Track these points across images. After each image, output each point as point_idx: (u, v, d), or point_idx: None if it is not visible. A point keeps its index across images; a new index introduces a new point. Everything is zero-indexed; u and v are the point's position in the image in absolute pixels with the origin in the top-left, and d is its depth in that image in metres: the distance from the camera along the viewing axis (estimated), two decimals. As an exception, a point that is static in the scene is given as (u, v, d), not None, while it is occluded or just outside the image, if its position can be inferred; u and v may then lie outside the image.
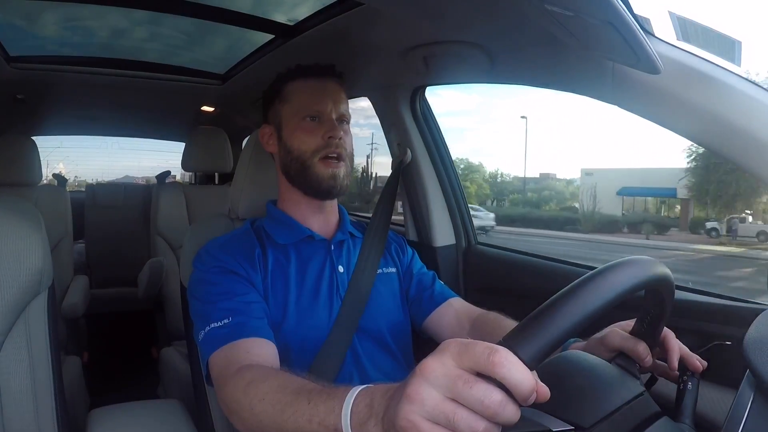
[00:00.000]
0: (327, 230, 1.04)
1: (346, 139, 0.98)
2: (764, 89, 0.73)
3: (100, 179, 4.17)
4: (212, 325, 0.83)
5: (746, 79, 0.73)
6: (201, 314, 0.87)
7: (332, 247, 1.01)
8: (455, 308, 1.04)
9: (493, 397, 0.40)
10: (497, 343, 0.42)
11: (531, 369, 0.40)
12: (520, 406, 0.41)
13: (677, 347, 0.66)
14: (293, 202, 1.02)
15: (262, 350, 0.81)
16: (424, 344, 1.05)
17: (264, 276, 0.93)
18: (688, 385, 0.63)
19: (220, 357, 0.81)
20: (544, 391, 0.41)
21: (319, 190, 0.98)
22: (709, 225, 10.25)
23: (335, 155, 0.96)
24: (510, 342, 0.42)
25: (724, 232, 9.68)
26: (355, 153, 1.03)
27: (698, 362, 0.65)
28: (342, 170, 0.97)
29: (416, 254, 1.15)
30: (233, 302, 0.86)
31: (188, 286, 0.96)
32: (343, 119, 1.00)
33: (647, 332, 0.64)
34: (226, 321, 0.83)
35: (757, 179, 0.73)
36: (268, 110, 1.05)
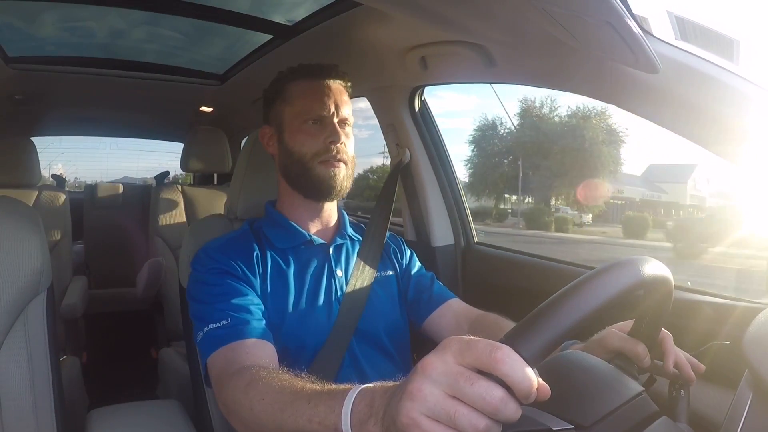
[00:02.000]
0: (326, 234, 1.03)
1: (348, 143, 0.98)
2: (763, 89, 0.73)
3: (99, 180, 4.16)
4: (211, 326, 0.83)
5: (745, 79, 0.74)
6: (200, 315, 0.87)
7: (331, 251, 1.01)
8: (454, 310, 1.03)
9: (495, 394, 0.40)
10: (499, 341, 0.42)
11: (532, 366, 0.41)
12: (520, 404, 0.41)
13: (674, 350, 0.66)
14: (293, 205, 1.02)
15: (261, 351, 0.80)
16: (422, 346, 1.05)
17: (263, 278, 0.93)
18: (681, 393, 0.64)
19: (219, 358, 0.80)
20: (545, 389, 0.41)
21: (319, 191, 0.97)
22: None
23: (336, 158, 0.96)
24: (511, 339, 0.42)
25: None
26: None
27: (690, 373, 0.65)
28: (342, 171, 0.96)
29: (415, 255, 1.15)
30: (231, 303, 0.85)
31: (187, 287, 0.95)
32: (345, 122, 0.99)
33: (646, 333, 0.64)
34: (224, 322, 0.83)
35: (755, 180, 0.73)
36: (269, 111, 1.03)
